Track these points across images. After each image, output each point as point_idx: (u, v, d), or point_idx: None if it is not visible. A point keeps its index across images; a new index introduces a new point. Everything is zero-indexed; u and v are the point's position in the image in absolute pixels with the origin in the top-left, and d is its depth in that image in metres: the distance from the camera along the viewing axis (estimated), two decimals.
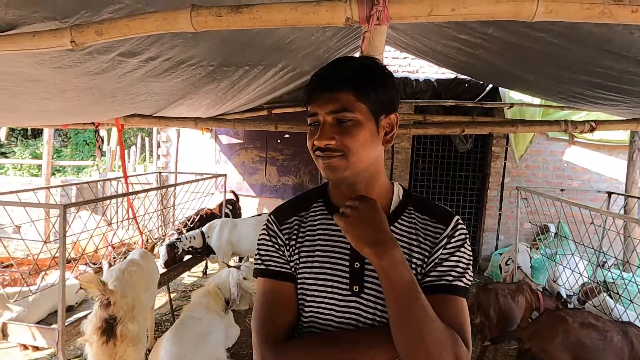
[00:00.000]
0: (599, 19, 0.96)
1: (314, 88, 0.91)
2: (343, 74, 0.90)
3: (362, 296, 0.90)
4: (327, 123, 0.89)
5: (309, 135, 0.93)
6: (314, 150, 0.91)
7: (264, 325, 0.92)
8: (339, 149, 0.88)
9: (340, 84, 0.88)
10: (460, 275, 0.89)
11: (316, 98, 0.90)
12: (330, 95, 0.88)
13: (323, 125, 0.89)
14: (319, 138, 0.88)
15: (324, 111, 0.89)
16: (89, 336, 2.19)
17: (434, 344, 0.79)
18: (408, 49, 4.68)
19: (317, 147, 0.90)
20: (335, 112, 0.88)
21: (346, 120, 0.88)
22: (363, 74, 0.90)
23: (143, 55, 1.93)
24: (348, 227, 0.85)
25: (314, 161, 0.94)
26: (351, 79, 0.89)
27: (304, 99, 0.96)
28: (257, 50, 2.79)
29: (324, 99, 0.89)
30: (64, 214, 2.44)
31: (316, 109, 0.90)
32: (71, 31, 1.21)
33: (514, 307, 2.85)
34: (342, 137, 0.87)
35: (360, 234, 0.84)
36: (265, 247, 0.99)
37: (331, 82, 0.89)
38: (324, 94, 0.89)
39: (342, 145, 0.87)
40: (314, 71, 0.97)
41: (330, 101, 0.88)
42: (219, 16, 1.11)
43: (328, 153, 0.88)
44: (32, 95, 2.05)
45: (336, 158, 0.88)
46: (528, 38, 2.26)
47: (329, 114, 0.88)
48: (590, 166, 5.80)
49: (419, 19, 1.04)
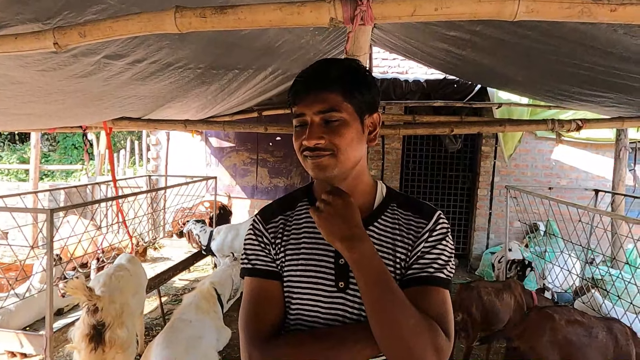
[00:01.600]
0: (578, 18, 0.98)
1: (299, 89, 0.92)
2: (329, 75, 0.91)
3: (347, 292, 0.91)
4: (314, 123, 0.90)
5: (295, 136, 0.94)
6: (302, 151, 0.92)
7: (251, 323, 0.92)
8: (327, 148, 0.89)
9: (327, 85, 0.90)
10: (441, 267, 0.90)
11: (303, 99, 0.91)
12: (317, 96, 0.90)
13: (311, 125, 0.90)
14: (308, 138, 0.89)
15: (311, 111, 0.90)
16: (77, 343, 2.16)
17: (410, 333, 0.80)
18: (397, 50, 4.70)
19: (305, 147, 0.90)
20: (323, 112, 0.89)
21: (334, 120, 0.90)
22: (349, 75, 0.92)
23: (129, 57, 1.91)
24: (321, 222, 0.88)
25: (301, 162, 0.95)
26: (338, 80, 0.90)
27: (288, 101, 0.97)
28: (246, 54, 2.78)
29: (310, 99, 0.90)
30: (51, 219, 2.41)
31: (303, 110, 0.91)
32: (54, 33, 1.20)
33: (498, 306, 2.87)
34: (330, 136, 0.89)
35: (332, 229, 0.86)
36: (251, 246, 0.99)
37: (318, 83, 0.90)
38: (311, 95, 0.90)
39: (331, 145, 0.89)
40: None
41: (318, 101, 0.89)
42: (203, 17, 1.11)
43: (317, 152, 0.89)
44: (17, 99, 2.03)
45: (325, 157, 0.89)
46: (516, 35, 2.28)
47: (317, 114, 0.90)
48: (578, 164, 5.87)
49: (402, 19, 1.05)
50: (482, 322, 2.93)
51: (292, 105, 0.95)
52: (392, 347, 0.81)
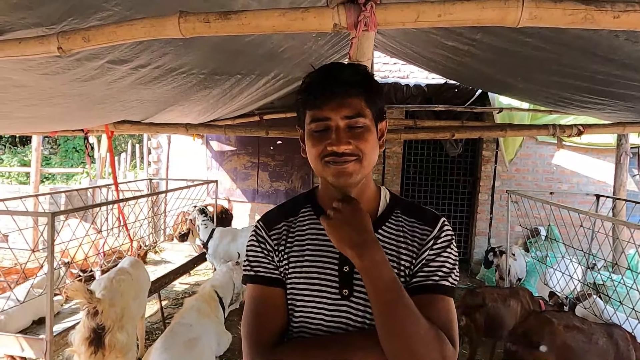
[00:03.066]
0: (582, 25, 0.98)
1: (321, 92, 0.88)
2: (352, 79, 0.89)
3: (351, 299, 0.90)
4: (340, 128, 0.88)
5: (314, 141, 0.90)
6: (325, 156, 0.88)
7: (254, 331, 0.91)
8: (354, 153, 0.87)
9: (353, 89, 0.88)
10: (446, 275, 0.90)
11: (326, 102, 0.88)
12: (343, 100, 0.87)
13: (337, 130, 0.87)
14: (336, 143, 0.86)
15: (338, 116, 0.87)
16: (77, 347, 2.16)
17: (419, 342, 0.79)
18: (398, 54, 4.72)
19: (329, 153, 0.87)
20: (350, 117, 0.88)
21: (359, 126, 0.88)
22: (368, 81, 0.91)
23: (133, 62, 1.92)
24: (331, 229, 0.86)
25: (318, 168, 0.91)
26: (361, 85, 0.89)
27: (301, 104, 0.94)
28: (250, 60, 2.79)
29: (336, 103, 0.87)
30: (52, 222, 2.41)
31: (328, 114, 0.87)
32: (58, 38, 1.20)
33: (504, 312, 2.85)
34: (356, 142, 0.87)
35: (342, 236, 0.85)
36: (254, 253, 0.98)
37: (343, 87, 0.88)
38: (337, 99, 0.87)
39: (358, 150, 0.87)
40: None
41: (345, 106, 0.87)
42: (207, 22, 1.11)
43: (345, 158, 0.87)
44: (20, 102, 2.03)
45: (351, 163, 0.87)
46: (516, 43, 2.29)
47: (344, 118, 0.87)
48: (579, 169, 5.87)
49: (406, 25, 1.05)
50: (486, 328, 2.91)
51: (308, 108, 0.91)
52: (400, 356, 0.81)
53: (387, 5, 1.05)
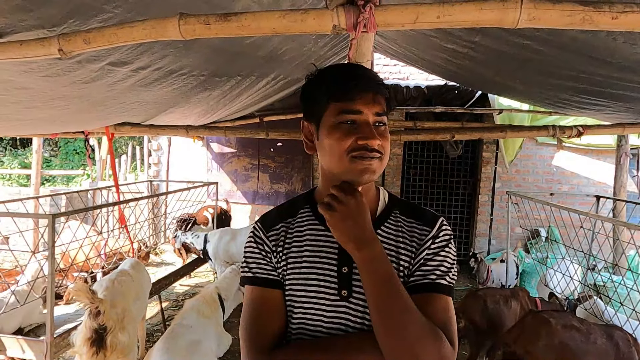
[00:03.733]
0: (580, 26, 0.98)
1: (354, 84, 0.88)
2: (378, 79, 0.91)
3: (350, 300, 0.90)
4: (370, 123, 0.88)
5: (341, 133, 0.88)
6: (353, 150, 0.87)
7: (252, 334, 0.91)
8: (380, 151, 0.88)
9: (381, 88, 0.90)
10: (444, 274, 0.90)
11: (361, 96, 0.88)
12: (376, 96, 0.89)
13: (368, 125, 0.87)
14: (370, 137, 0.86)
15: (371, 111, 0.88)
16: (79, 347, 2.16)
17: (416, 339, 0.79)
18: (398, 57, 4.73)
19: (360, 147, 0.87)
20: (380, 114, 0.89)
21: (382, 124, 0.90)
22: (385, 84, 0.93)
23: (133, 64, 1.92)
24: (334, 222, 0.86)
25: (342, 162, 0.88)
26: (385, 87, 0.91)
27: (325, 95, 0.91)
28: (250, 61, 2.79)
29: (370, 98, 0.88)
30: (53, 224, 2.42)
31: (361, 107, 0.87)
32: (59, 40, 1.21)
33: (505, 313, 2.85)
34: (382, 139, 0.89)
35: (345, 229, 0.85)
36: (252, 255, 0.98)
37: (375, 84, 0.89)
38: (371, 94, 0.88)
39: (382, 148, 0.88)
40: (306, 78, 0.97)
41: (377, 102, 0.89)
42: (207, 24, 1.11)
43: (374, 154, 0.87)
44: (21, 104, 2.04)
45: (376, 160, 0.88)
46: (514, 46, 2.30)
47: (375, 115, 0.88)
48: (579, 170, 5.89)
49: (405, 26, 1.06)
50: (487, 330, 2.91)
51: (336, 100, 0.89)
52: (397, 354, 0.81)
53: (386, 6, 1.06)
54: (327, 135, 0.90)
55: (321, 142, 0.93)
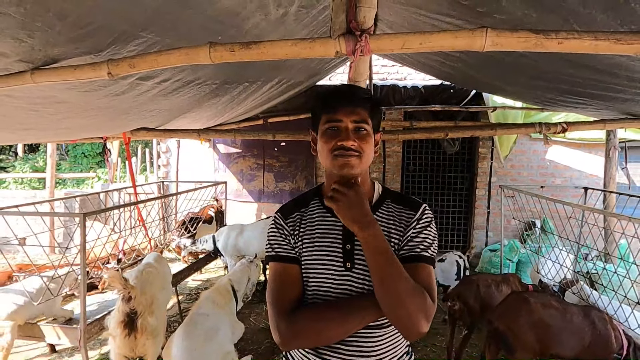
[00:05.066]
0: (534, 49, 1.23)
1: (338, 100, 1.17)
2: (361, 95, 1.20)
3: (353, 271, 1.16)
4: (349, 129, 1.15)
5: (327, 137, 1.17)
6: (334, 150, 1.13)
7: (277, 299, 1.16)
8: (358, 150, 1.14)
9: (362, 102, 1.18)
10: (426, 248, 1.16)
11: (341, 108, 1.15)
12: (354, 108, 1.16)
13: (346, 130, 1.15)
14: (345, 139, 1.12)
15: (349, 119, 1.15)
16: (113, 330, 2.42)
17: (407, 296, 1.04)
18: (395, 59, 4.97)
19: (339, 147, 1.13)
20: (358, 121, 1.16)
21: (362, 130, 1.16)
22: (372, 99, 1.21)
23: (157, 78, 2.17)
24: (340, 209, 1.11)
25: (328, 160, 1.16)
26: (368, 101, 1.19)
27: (319, 109, 1.21)
28: (257, 69, 3.04)
29: (349, 109, 1.16)
30: (84, 222, 2.67)
31: (342, 117, 1.15)
32: (108, 65, 1.45)
33: (496, 297, 3.08)
34: (360, 141, 1.15)
35: (349, 215, 1.10)
36: (274, 237, 1.24)
37: (355, 99, 1.18)
38: (349, 106, 1.16)
39: (360, 148, 1.15)
40: (308, 81, 1.24)
41: (355, 113, 1.16)
42: (232, 51, 1.36)
43: (350, 152, 1.13)
44: (58, 115, 2.28)
45: (354, 157, 1.14)
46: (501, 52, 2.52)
47: (353, 122, 1.16)
48: (572, 164, 6.10)
49: (394, 51, 1.30)
50: (481, 312, 3.15)
51: (325, 112, 1.18)
52: (393, 307, 1.05)
53: (379, 35, 1.30)
54: (319, 139, 1.20)
55: (318, 145, 1.21)
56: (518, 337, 2.47)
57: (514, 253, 5.41)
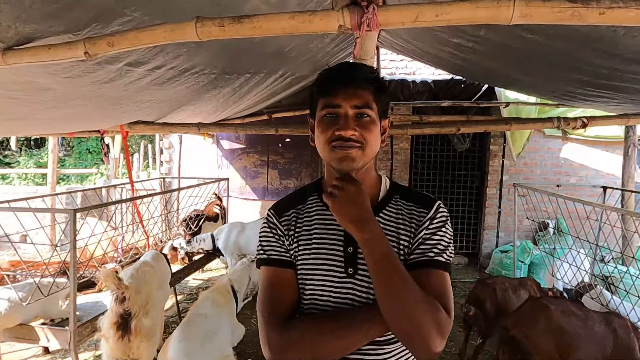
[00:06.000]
0: (569, 21, 1.05)
1: (337, 81, 0.98)
2: (365, 75, 1.00)
3: (356, 277, 0.99)
4: (349, 116, 0.97)
5: (324, 125, 0.99)
6: (333, 140, 0.97)
7: (268, 308, 1.00)
8: (358, 140, 0.96)
9: (364, 83, 0.98)
10: (441, 252, 0.99)
11: (340, 91, 0.97)
12: (355, 91, 0.97)
13: (346, 117, 0.97)
14: (344, 128, 0.95)
15: (348, 104, 0.97)
16: (106, 331, 2.28)
17: (415, 308, 0.87)
18: (404, 52, 4.78)
19: (337, 137, 0.96)
20: (359, 107, 0.97)
21: (365, 116, 0.98)
22: (377, 79, 1.02)
23: (149, 64, 2.02)
24: (335, 206, 0.95)
25: (325, 152, 0.99)
26: (372, 81, 1.00)
27: (315, 92, 1.03)
28: (258, 58, 2.88)
29: (349, 92, 0.97)
30: (74, 219, 2.53)
31: (340, 101, 0.97)
32: (85, 43, 1.30)
33: (514, 302, 2.90)
34: (362, 130, 0.97)
35: (346, 213, 0.94)
36: (266, 238, 1.08)
37: (356, 80, 0.98)
38: (349, 88, 0.97)
39: (361, 138, 0.97)
40: (314, 75, 1.06)
41: (356, 96, 0.97)
42: (221, 26, 1.20)
43: (350, 143, 0.96)
44: (41, 104, 2.15)
45: (355, 149, 0.96)
46: (518, 39, 2.34)
47: (353, 107, 0.97)
48: (588, 162, 5.88)
49: (405, 25, 1.13)
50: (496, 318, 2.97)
51: (322, 96, 1.00)
52: (398, 321, 0.89)
53: (388, 7, 1.13)
54: (316, 128, 1.02)
55: (315, 134, 1.04)
56: (536, 345, 2.29)
57: (527, 254, 5.20)
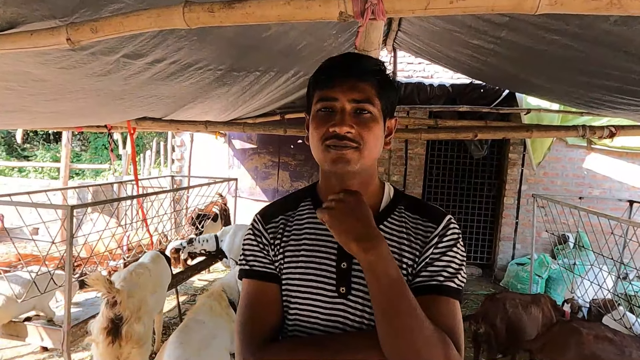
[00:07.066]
0: (607, 11, 0.90)
1: (334, 72, 0.87)
2: (367, 66, 0.87)
3: (349, 298, 0.86)
4: (347, 111, 0.85)
5: (318, 121, 0.87)
6: (327, 138, 0.85)
7: (247, 327, 0.88)
8: (355, 140, 0.84)
9: (366, 75, 0.86)
10: (452, 276, 0.85)
11: (338, 83, 0.86)
12: (355, 84, 0.85)
13: (343, 112, 0.85)
14: (339, 124, 0.83)
15: (346, 98, 0.85)
16: (95, 336, 2.20)
17: (423, 344, 0.74)
18: (422, 54, 4.63)
19: (332, 135, 0.84)
20: (358, 101, 0.85)
21: (365, 112, 0.85)
22: (382, 72, 0.89)
23: (148, 57, 1.93)
24: (333, 221, 0.81)
25: (319, 152, 0.88)
26: (375, 73, 0.87)
27: (311, 85, 0.91)
28: (267, 56, 2.77)
29: (348, 85, 0.85)
30: (71, 215, 2.46)
31: (337, 94, 0.85)
32: (67, 29, 1.21)
33: (525, 319, 2.73)
34: (360, 128, 0.84)
35: (346, 228, 0.80)
36: (250, 247, 0.96)
37: (357, 71, 0.86)
38: (349, 81, 0.85)
39: (359, 137, 0.84)
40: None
41: (356, 89, 0.85)
42: (211, 12, 1.09)
43: (345, 142, 0.84)
44: (40, 96, 2.08)
45: (350, 150, 0.84)
46: (542, 41, 2.19)
47: (352, 102, 0.85)
48: (612, 174, 5.61)
49: (416, 13, 1.00)
50: (507, 336, 2.79)
51: (318, 88, 0.89)
52: (402, 357, 0.76)
53: None
54: (310, 124, 0.90)
55: (309, 131, 0.92)
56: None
57: (544, 268, 4.97)
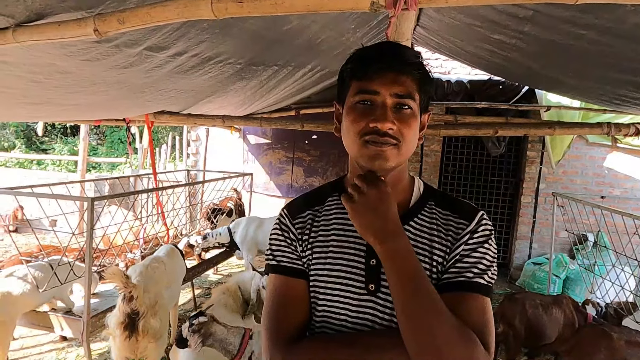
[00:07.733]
0: None
1: (375, 63, 0.82)
2: (409, 58, 0.83)
3: (378, 295, 0.84)
4: (388, 105, 0.81)
5: (356, 114, 0.83)
6: (366, 134, 0.81)
7: (274, 324, 0.87)
8: (395, 137, 0.81)
9: (409, 68, 0.82)
10: (482, 273, 0.82)
11: (380, 75, 0.81)
12: (398, 76, 0.81)
13: (384, 107, 0.81)
14: (381, 120, 0.79)
15: (388, 92, 0.81)
16: (113, 330, 2.22)
17: (446, 342, 0.72)
18: (440, 49, 4.56)
19: (372, 131, 0.80)
20: (400, 96, 0.81)
21: (405, 108, 0.82)
22: (423, 65, 0.85)
23: (170, 50, 1.93)
24: (354, 213, 0.80)
25: (355, 147, 0.83)
26: (418, 67, 0.83)
27: (348, 74, 0.86)
28: (287, 50, 2.75)
29: (390, 78, 0.81)
30: (92, 207, 2.49)
31: (379, 87, 0.81)
32: (94, 20, 1.21)
33: (545, 320, 2.67)
34: (401, 124, 0.81)
35: (366, 222, 0.79)
36: (277, 242, 0.94)
37: (400, 63, 0.81)
38: (392, 73, 0.81)
39: (399, 134, 0.81)
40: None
41: (398, 83, 0.81)
42: (239, 2, 1.08)
43: (385, 139, 0.80)
44: (63, 88, 2.10)
45: (390, 146, 0.81)
46: (568, 36, 2.12)
47: (394, 96, 0.81)
48: (634, 173, 5.47)
49: (449, 3, 0.97)
50: (526, 337, 2.74)
51: (356, 78, 0.84)
52: (423, 354, 0.73)
53: None
54: (345, 116, 0.86)
55: (343, 124, 0.87)
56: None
57: (562, 269, 4.89)
